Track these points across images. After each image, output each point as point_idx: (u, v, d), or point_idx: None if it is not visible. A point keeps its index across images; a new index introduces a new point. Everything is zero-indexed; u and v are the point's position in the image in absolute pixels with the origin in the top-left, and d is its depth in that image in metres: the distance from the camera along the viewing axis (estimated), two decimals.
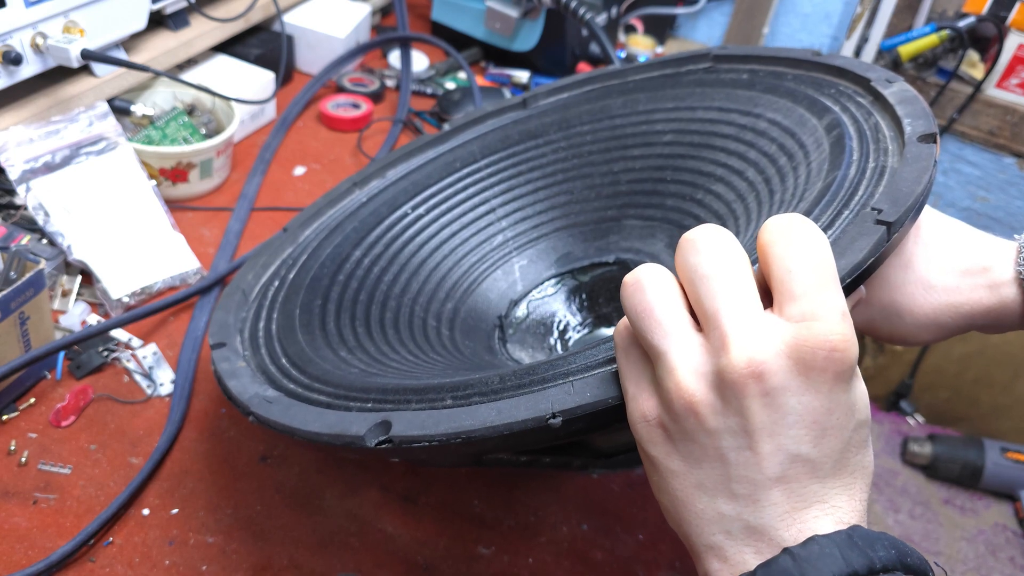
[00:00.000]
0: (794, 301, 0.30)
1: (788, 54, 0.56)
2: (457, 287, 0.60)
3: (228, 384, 0.47)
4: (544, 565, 0.53)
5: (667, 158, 0.58)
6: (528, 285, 0.62)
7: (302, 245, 0.61)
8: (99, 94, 0.75)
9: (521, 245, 0.63)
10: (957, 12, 1.22)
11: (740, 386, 0.29)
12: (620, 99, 0.62)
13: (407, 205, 0.63)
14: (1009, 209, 1.36)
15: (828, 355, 0.29)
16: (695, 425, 0.31)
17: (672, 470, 0.32)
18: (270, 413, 0.43)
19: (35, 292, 0.55)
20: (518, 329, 0.60)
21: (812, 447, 0.30)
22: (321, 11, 1.01)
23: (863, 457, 0.32)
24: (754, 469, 0.30)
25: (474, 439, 0.35)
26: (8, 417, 0.56)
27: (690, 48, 1.30)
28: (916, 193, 0.38)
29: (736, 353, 0.29)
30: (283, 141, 0.90)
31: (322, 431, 0.40)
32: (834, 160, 0.44)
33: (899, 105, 0.45)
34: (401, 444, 0.37)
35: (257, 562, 0.51)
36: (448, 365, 0.51)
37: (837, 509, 0.30)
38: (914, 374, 1.68)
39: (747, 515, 0.30)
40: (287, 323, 0.53)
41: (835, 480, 0.30)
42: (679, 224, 0.57)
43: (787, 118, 0.51)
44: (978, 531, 1.50)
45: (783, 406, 0.29)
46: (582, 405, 0.34)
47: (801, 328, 0.29)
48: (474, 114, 0.68)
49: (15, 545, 0.49)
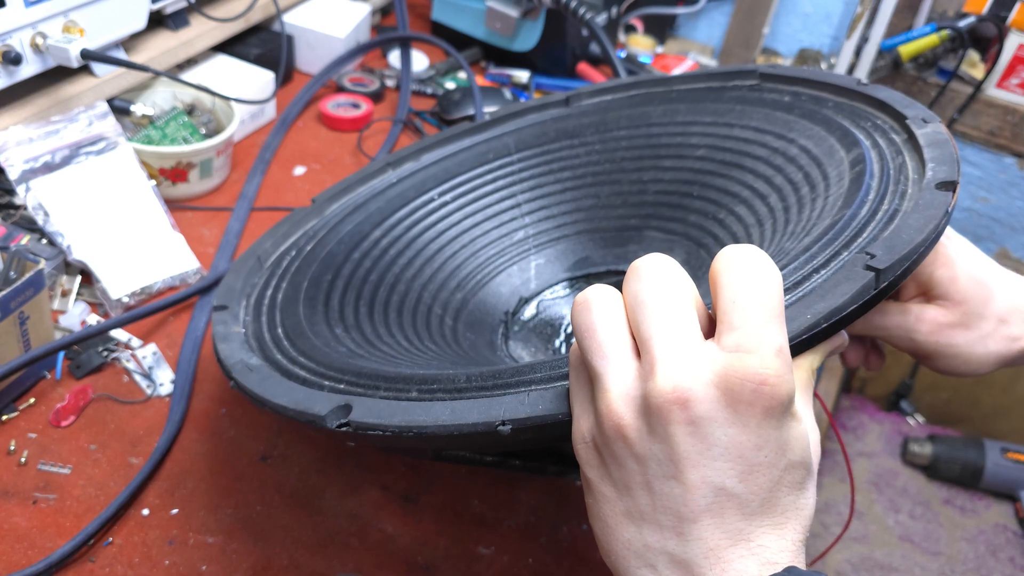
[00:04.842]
0: (731, 331, 0.30)
1: (834, 80, 0.55)
2: (470, 278, 0.61)
3: (218, 347, 0.50)
4: (544, 565, 0.53)
5: (697, 173, 0.58)
6: (542, 284, 0.62)
7: (326, 219, 0.62)
8: (99, 94, 0.75)
9: (541, 244, 0.63)
10: (957, 12, 1.22)
11: (665, 412, 0.29)
12: (661, 107, 0.62)
13: (435, 191, 0.63)
14: (1010, 209, 1.36)
15: (756, 388, 0.28)
16: (624, 450, 0.31)
17: (605, 495, 0.32)
18: (248, 380, 0.45)
19: (35, 292, 0.55)
20: (524, 327, 0.60)
21: (738, 482, 0.29)
22: (321, 11, 1.01)
23: (797, 499, 0.31)
24: (679, 500, 0.30)
25: (424, 435, 0.36)
26: (8, 417, 0.56)
27: (690, 48, 1.30)
28: (915, 242, 0.37)
29: (662, 378, 0.29)
30: (283, 141, 0.90)
31: (289, 406, 0.42)
32: (848, 197, 0.43)
33: (928, 148, 0.45)
34: (357, 430, 0.38)
35: (257, 562, 0.51)
36: (436, 357, 0.52)
37: (764, 549, 0.30)
38: (914, 374, 1.68)
39: (672, 548, 0.30)
40: (292, 294, 0.54)
41: (763, 519, 0.30)
42: (698, 242, 0.57)
43: (818, 147, 0.51)
44: (978, 531, 1.50)
45: (708, 436, 0.29)
46: (532, 417, 0.34)
47: (732, 359, 0.29)
48: (515, 107, 0.68)
49: (15, 545, 0.49)
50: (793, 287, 0.37)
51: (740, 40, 1.27)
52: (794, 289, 0.36)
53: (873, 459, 1.62)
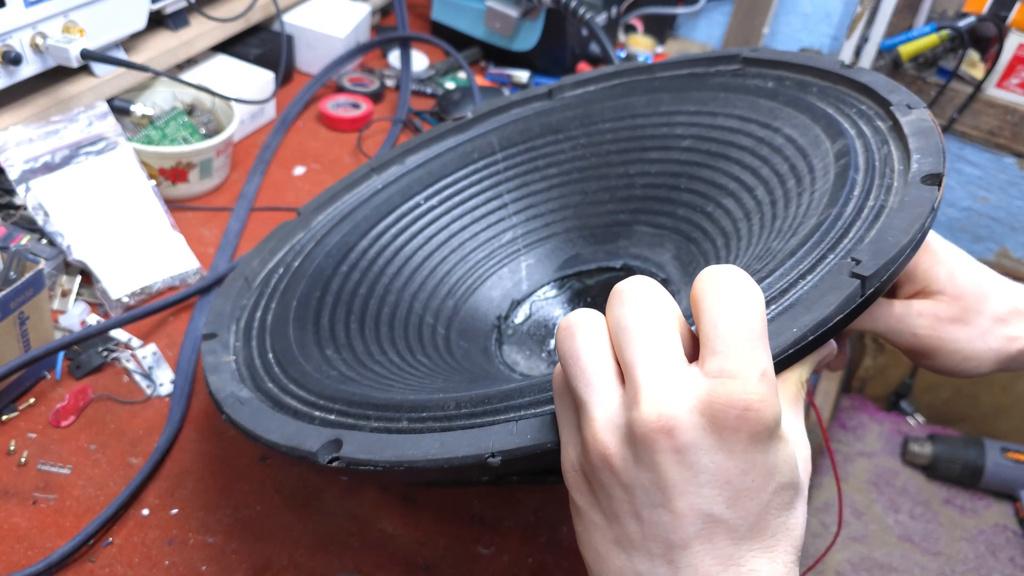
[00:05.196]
0: (714, 356, 0.29)
1: (817, 63, 0.55)
2: (460, 283, 0.60)
3: (209, 379, 0.49)
4: (544, 565, 0.53)
5: (683, 164, 0.58)
6: (533, 285, 0.61)
7: (312, 232, 0.61)
8: (99, 94, 0.75)
9: (530, 243, 0.62)
10: (957, 12, 1.22)
11: (651, 440, 0.29)
12: (644, 97, 0.61)
13: (420, 195, 0.62)
14: (1010, 209, 1.36)
15: (741, 414, 0.28)
16: (610, 479, 0.30)
17: (594, 523, 0.32)
18: (239, 415, 0.45)
19: (35, 292, 0.55)
20: (518, 331, 0.60)
21: (726, 508, 0.29)
22: (321, 11, 1.01)
23: (786, 520, 0.31)
24: (668, 528, 0.29)
25: (415, 469, 0.37)
26: (8, 417, 0.56)
27: (690, 48, 1.30)
28: (900, 244, 0.37)
29: (646, 407, 0.29)
30: (283, 141, 0.90)
31: (281, 442, 0.42)
32: (834, 194, 0.43)
33: (913, 137, 0.44)
34: (349, 465, 0.38)
35: (257, 562, 0.51)
36: (428, 373, 0.51)
37: (755, 573, 0.30)
38: (914, 374, 1.68)
39: (663, 575, 0.30)
40: (282, 315, 0.53)
41: (753, 543, 0.30)
42: (687, 236, 0.56)
43: (803, 136, 0.50)
44: (978, 531, 1.50)
45: (695, 464, 0.29)
46: (521, 447, 0.35)
47: (716, 385, 0.29)
48: (499, 102, 0.67)
49: (15, 545, 0.49)
50: (780, 295, 0.36)
51: (740, 40, 1.28)
52: (780, 298, 0.36)
53: (873, 459, 1.62)
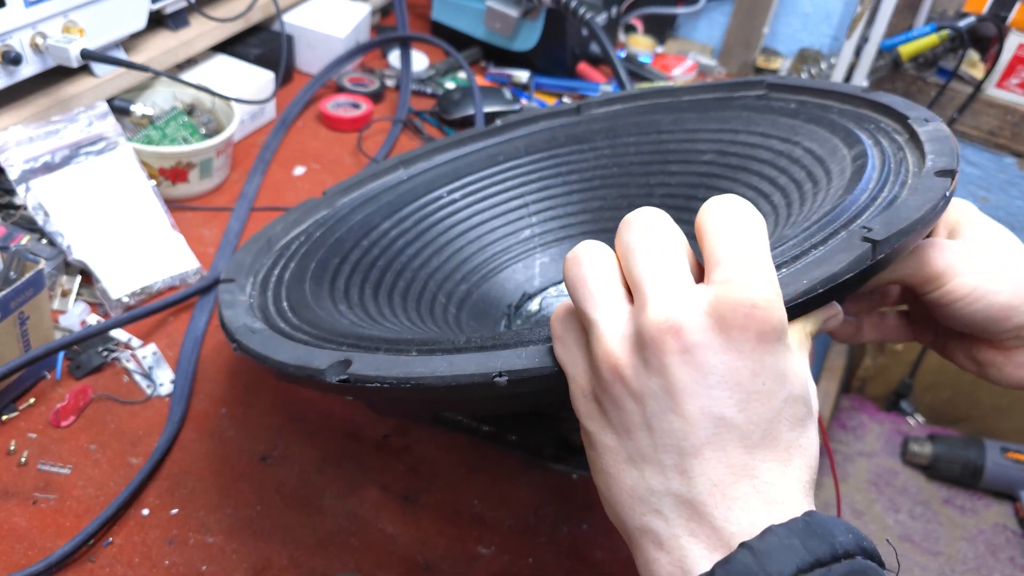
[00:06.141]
0: (719, 266, 0.31)
1: (838, 88, 0.57)
2: (476, 271, 0.62)
3: (223, 312, 0.51)
4: (544, 565, 0.53)
5: (703, 176, 0.59)
6: (546, 281, 0.63)
7: (336, 210, 0.63)
8: (99, 94, 0.75)
9: (547, 243, 0.64)
10: (957, 12, 1.22)
11: (658, 342, 0.29)
12: (670, 116, 0.63)
13: (444, 188, 0.64)
14: (1010, 209, 1.36)
15: (748, 312, 0.29)
16: (621, 390, 0.31)
17: (606, 445, 0.32)
18: (251, 342, 0.46)
19: (35, 292, 0.55)
20: (527, 321, 0.61)
21: (737, 411, 0.29)
22: (321, 11, 1.01)
23: (800, 436, 0.31)
24: (680, 435, 0.30)
25: (423, 386, 0.37)
26: (8, 417, 0.56)
27: (690, 48, 1.30)
28: (912, 219, 0.37)
29: (653, 310, 0.30)
30: (283, 141, 0.90)
31: (289, 362, 0.43)
32: (849, 187, 0.44)
33: (929, 143, 0.45)
34: (356, 383, 0.39)
35: (257, 562, 0.51)
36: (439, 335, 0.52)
37: (769, 486, 0.29)
38: (914, 374, 1.68)
39: (676, 487, 0.30)
40: (299, 272, 0.55)
41: (766, 452, 0.30)
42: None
43: (822, 147, 0.52)
44: (978, 531, 1.50)
45: (704, 364, 0.29)
46: (529, 369, 0.35)
47: (721, 288, 0.30)
48: (527, 114, 0.70)
49: (15, 545, 0.49)
50: (791, 260, 0.37)
51: (740, 40, 1.28)
52: (792, 263, 0.37)
53: (873, 459, 1.62)
